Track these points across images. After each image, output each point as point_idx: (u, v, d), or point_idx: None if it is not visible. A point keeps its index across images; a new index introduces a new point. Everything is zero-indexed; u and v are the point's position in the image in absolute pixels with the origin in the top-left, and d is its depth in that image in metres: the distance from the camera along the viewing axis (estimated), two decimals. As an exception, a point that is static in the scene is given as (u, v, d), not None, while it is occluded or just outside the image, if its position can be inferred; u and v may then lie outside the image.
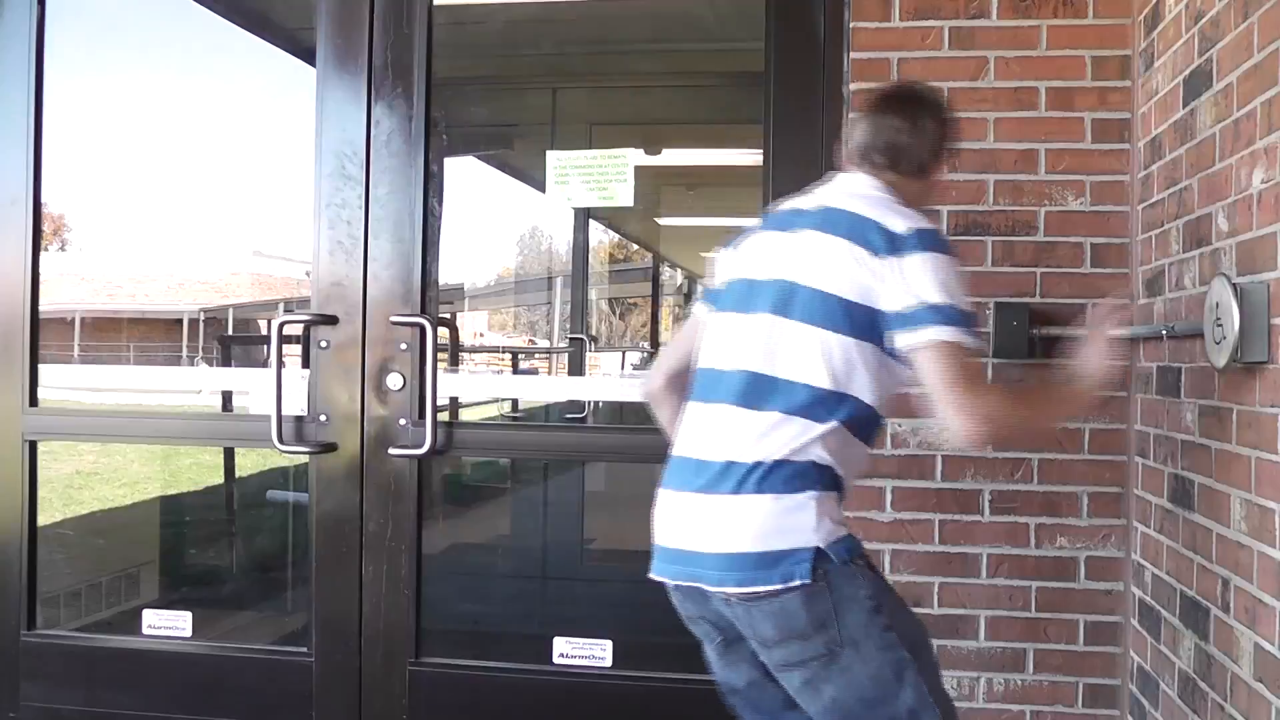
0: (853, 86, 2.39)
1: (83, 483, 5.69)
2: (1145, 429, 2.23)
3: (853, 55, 2.40)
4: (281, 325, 2.65)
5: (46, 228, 2.81)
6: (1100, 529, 2.35)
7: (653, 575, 1.75)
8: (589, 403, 3.67)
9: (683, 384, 1.85)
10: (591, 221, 4.05)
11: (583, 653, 2.58)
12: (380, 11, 2.58)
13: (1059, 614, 2.36)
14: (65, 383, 3.06)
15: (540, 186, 2.64)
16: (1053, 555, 2.36)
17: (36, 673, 2.72)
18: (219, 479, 4.37)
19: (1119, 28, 2.34)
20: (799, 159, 2.46)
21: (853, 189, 1.77)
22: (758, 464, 1.63)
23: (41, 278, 2.77)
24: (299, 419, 2.59)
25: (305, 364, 2.63)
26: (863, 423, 1.69)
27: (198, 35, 3.05)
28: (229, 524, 4.31)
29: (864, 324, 1.64)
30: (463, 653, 2.66)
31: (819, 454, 1.65)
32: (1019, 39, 2.36)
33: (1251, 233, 1.69)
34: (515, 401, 4.04)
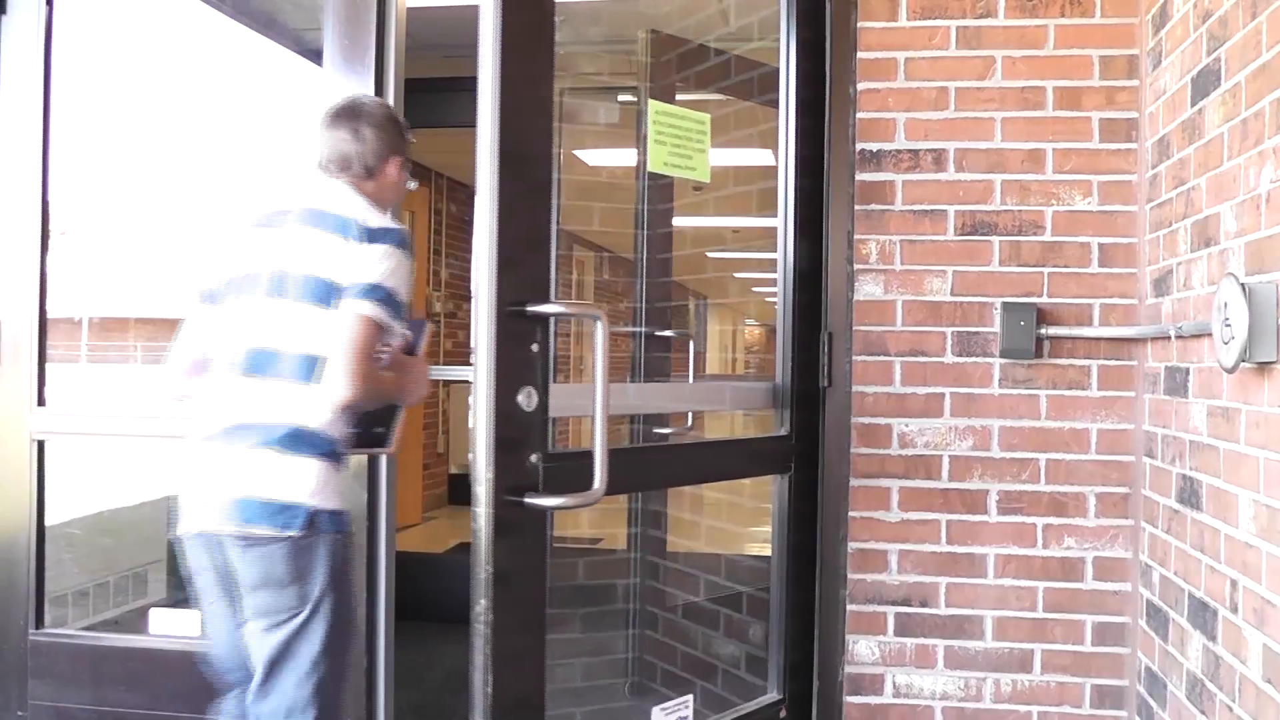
0: (860, 86, 2.39)
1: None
2: (1153, 429, 2.23)
3: (860, 55, 2.40)
4: None
5: (54, 228, 2.82)
6: (1108, 529, 2.34)
7: (177, 532, 2.00)
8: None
9: (198, 373, 2.07)
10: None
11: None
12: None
13: (1066, 614, 2.36)
14: (72, 382, 3.06)
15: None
16: (1060, 555, 2.35)
17: (44, 672, 2.73)
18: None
19: (1126, 27, 2.34)
20: (803, 159, 2.45)
21: (329, 191, 2.03)
22: (278, 425, 1.89)
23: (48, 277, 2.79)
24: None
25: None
26: None
27: (205, 35, 3.06)
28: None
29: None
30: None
31: (324, 421, 1.91)
32: (1026, 38, 2.36)
33: (1260, 232, 1.69)
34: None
